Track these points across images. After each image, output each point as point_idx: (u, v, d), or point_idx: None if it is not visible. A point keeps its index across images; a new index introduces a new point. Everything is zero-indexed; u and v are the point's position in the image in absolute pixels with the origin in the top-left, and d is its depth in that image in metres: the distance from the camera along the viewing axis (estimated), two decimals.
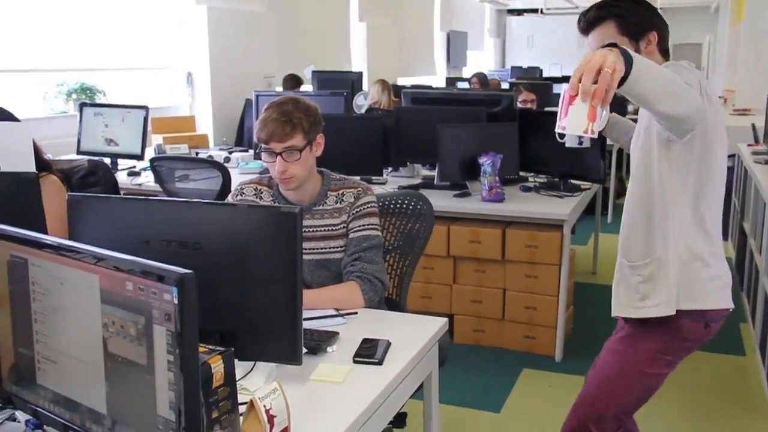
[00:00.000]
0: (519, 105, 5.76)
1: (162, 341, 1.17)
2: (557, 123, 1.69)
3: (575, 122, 1.65)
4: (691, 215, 2.07)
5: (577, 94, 1.63)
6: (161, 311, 1.17)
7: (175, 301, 1.14)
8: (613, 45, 1.70)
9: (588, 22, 2.17)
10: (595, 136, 1.67)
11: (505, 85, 9.20)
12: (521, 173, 4.39)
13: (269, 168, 2.28)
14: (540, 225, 3.88)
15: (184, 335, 1.15)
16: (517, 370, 3.83)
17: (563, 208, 3.82)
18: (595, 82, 1.60)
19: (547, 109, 5.90)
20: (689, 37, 16.91)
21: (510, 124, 4.31)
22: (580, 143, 2.43)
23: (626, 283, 2.18)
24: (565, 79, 10.79)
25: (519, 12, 17.52)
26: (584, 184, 4.25)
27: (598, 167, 4.06)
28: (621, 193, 8.30)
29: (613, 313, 2.22)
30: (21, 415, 1.59)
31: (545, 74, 12.77)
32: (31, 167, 2.36)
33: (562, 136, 1.96)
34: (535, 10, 16.48)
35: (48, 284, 1.38)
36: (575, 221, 4.05)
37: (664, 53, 2.19)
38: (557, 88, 8.28)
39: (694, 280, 2.09)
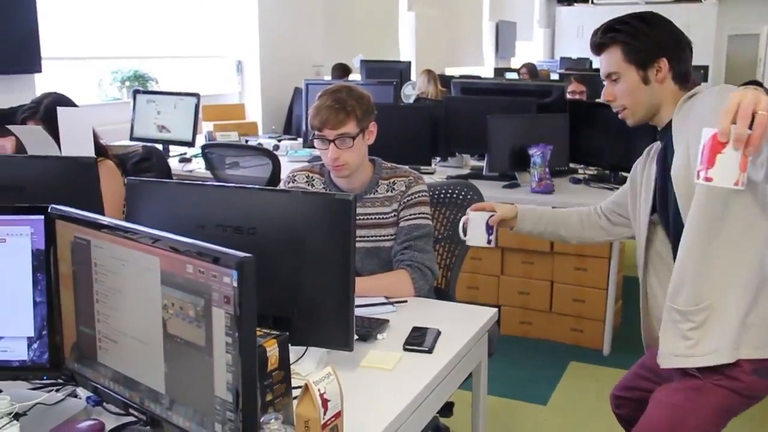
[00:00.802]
0: (568, 96, 5.69)
1: (221, 323, 1.20)
2: (699, 172, 1.50)
3: (725, 174, 1.47)
4: (759, 259, 1.87)
5: (727, 141, 1.45)
6: (220, 294, 1.19)
7: (235, 284, 1.16)
8: (756, 83, 1.55)
9: (595, 46, 2.05)
10: (743, 188, 1.49)
11: (554, 76, 9.10)
12: (571, 165, 4.35)
13: (321, 155, 2.30)
14: None
15: (242, 318, 1.17)
16: (564, 363, 3.80)
17: None
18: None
19: (597, 100, 5.82)
20: (746, 28, 16.47)
21: (561, 115, 4.27)
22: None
23: (675, 329, 1.92)
24: None
25: (569, 2, 17.28)
26: None
27: None
28: None
29: (662, 364, 1.94)
30: (82, 392, 1.64)
31: (595, 65, 12.58)
32: (90, 152, 2.42)
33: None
34: (585, 0, 16.25)
35: (110, 265, 1.42)
36: None
37: (682, 77, 1.99)
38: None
39: (757, 325, 1.88)
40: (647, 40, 1.97)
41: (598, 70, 2.23)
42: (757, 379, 1.88)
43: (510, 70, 10.71)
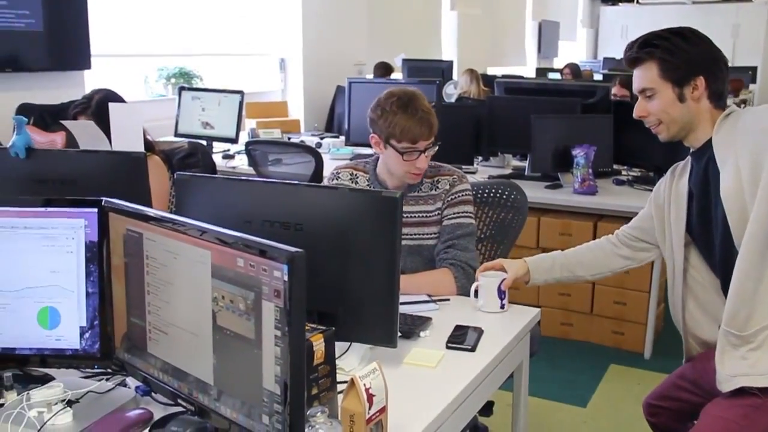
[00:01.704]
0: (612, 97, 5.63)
1: (270, 317, 1.21)
2: None
3: None
4: None
5: None
6: (270, 288, 1.21)
7: (285, 278, 1.18)
8: None
9: (630, 60, 2.01)
10: None
11: (597, 77, 9.01)
12: (615, 166, 4.30)
13: (400, 165, 2.27)
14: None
15: (292, 312, 1.18)
16: (604, 366, 3.77)
17: None
18: None
19: None
20: None
21: (605, 116, 4.23)
22: None
23: (732, 353, 1.88)
24: None
25: (613, 2, 17.08)
26: None
27: None
28: None
29: (724, 389, 1.88)
30: (131, 382, 1.67)
31: None
32: (140, 147, 2.46)
33: None
34: (630, 0, 16.05)
35: (162, 258, 1.45)
36: None
37: (717, 96, 1.96)
38: None
39: None
40: (685, 58, 1.94)
41: None
42: None
43: (553, 70, 10.63)
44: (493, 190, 2.74)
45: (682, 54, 1.94)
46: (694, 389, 2.16)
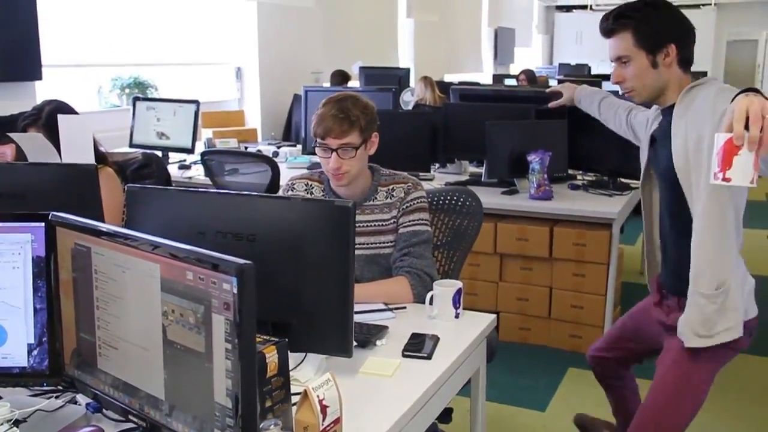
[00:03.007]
0: None
1: (220, 330, 1.20)
2: (716, 174, 1.61)
3: (742, 174, 1.58)
4: (737, 237, 2.15)
5: (742, 145, 1.56)
6: (220, 300, 1.20)
7: (235, 291, 1.17)
8: (755, 90, 1.69)
9: (606, 30, 2.21)
10: (756, 185, 1.63)
11: (552, 82, 9.12)
12: (570, 171, 4.36)
13: (322, 163, 2.31)
14: (588, 223, 3.84)
15: (242, 325, 1.17)
16: (562, 369, 3.81)
17: (612, 206, 3.78)
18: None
19: None
20: (745, 33, 16.51)
21: (559, 122, 4.27)
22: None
23: (700, 313, 2.12)
24: None
25: (568, 8, 17.36)
26: (634, 183, 4.19)
27: None
28: None
29: (687, 343, 2.16)
30: (81, 398, 1.64)
31: (594, 71, 12.61)
32: (90, 159, 2.43)
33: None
34: (584, 7, 16.33)
35: (110, 272, 1.42)
36: (624, 220, 4.01)
37: (686, 62, 2.17)
38: (606, 86, 8.17)
39: (746, 295, 2.19)
40: (658, 27, 2.13)
41: (596, 76, 2.45)
42: (747, 338, 2.18)
43: (509, 76, 10.73)
44: (448, 197, 2.75)
45: (654, 23, 2.13)
46: (635, 339, 2.53)
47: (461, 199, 2.73)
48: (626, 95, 2.25)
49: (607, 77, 9.50)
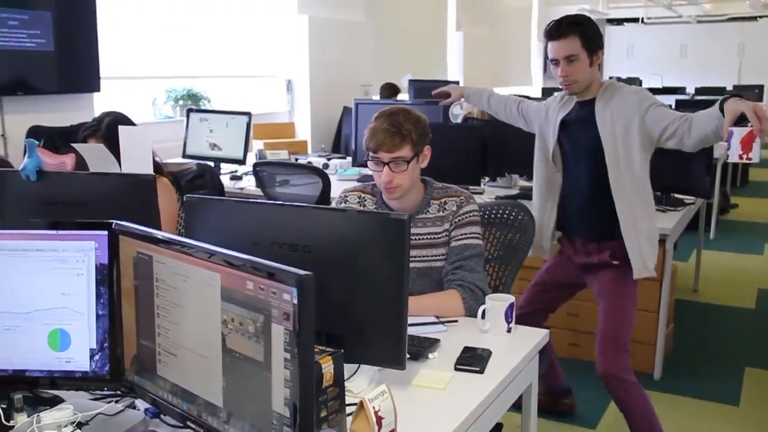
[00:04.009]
0: None
1: (280, 339, 1.22)
2: (741, 155, 2.32)
3: (756, 155, 2.32)
4: None
5: (756, 136, 2.29)
6: (280, 310, 1.21)
7: (295, 301, 1.18)
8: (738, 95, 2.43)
9: (560, 33, 2.77)
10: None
11: None
12: None
13: (375, 176, 2.32)
14: None
15: (301, 334, 1.19)
16: None
17: (666, 222, 3.72)
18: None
19: None
20: None
21: None
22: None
23: (641, 255, 2.86)
24: (666, 90, 10.47)
25: (618, 21, 17.17)
26: (688, 199, 4.13)
27: (703, 182, 3.94)
28: (725, 208, 8.01)
29: (638, 276, 2.90)
30: (140, 404, 1.68)
31: (644, 85, 12.46)
32: (149, 169, 2.48)
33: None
34: (635, 20, 16.13)
35: (171, 280, 1.46)
36: (678, 236, 3.94)
37: (599, 66, 2.87)
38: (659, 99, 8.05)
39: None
40: (595, 35, 2.78)
41: (648, 89, 2.62)
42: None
43: (558, 89, 10.63)
44: (500, 211, 2.75)
45: (594, 32, 2.78)
46: (557, 287, 3.23)
47: (513, 213, 2.72)
48: (567, 86, 2.83)
49: (659, 90, 9.39)
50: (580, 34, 2.74)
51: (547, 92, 10.69)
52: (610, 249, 2.91)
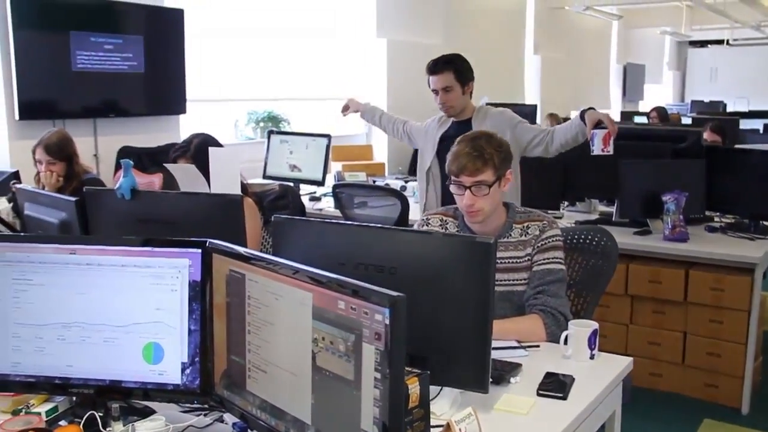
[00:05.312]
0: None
1: (370, 359, 1.24)
2: (603, 149, 3.19)
3: (612, 148, 3.19)
4: None
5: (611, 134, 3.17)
6: (371, 330, 1.24)
7: (387, 321, 1.20)
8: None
9: (437, 69, 3.50)
10: None
11: (685, 120, 8.83)
12: (707, 213, 4.19)
13: (456, 199, 2.33)
14: (727, 268, 3.67)
15: (392, 355, 1.21)
16: (697, 420, 3.63)
17: (754, 251, 3.61)
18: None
19: (737, 146, 5.59)
20: None
21: (697, 161, 4.14)
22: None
23: None
24: (752, 114, 10.16)
25: (702, 44, 16.76)
26: None
27: None
28: None
29: None
30: (228, 418, 1.72)
31: (729, 108, 12.12)
32: (237, 190, 2.56)
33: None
34: (720, 42, 15.70)
35: (263, 298, 1.50)
36: (767, 266, 3.81)
37: (471, 94, 3.60)
38: (745, 124, 7.83)
39: None
40: (466, 70, 3.54)
41: (733, 113, 2.56)
42: None
43: (638, 113, 10.46)
44: (583, 236, 2.71)
45: (464, 67, 3.54)
46: None
47: (596, 239, 2.68)
48: (446, 111, 3.57)
49: (745, 114, 9.12)
50: (453, 70, 3.48)
51: (626, 116, 10.51)
52: None
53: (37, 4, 4.46)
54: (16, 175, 3.81)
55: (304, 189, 5.26)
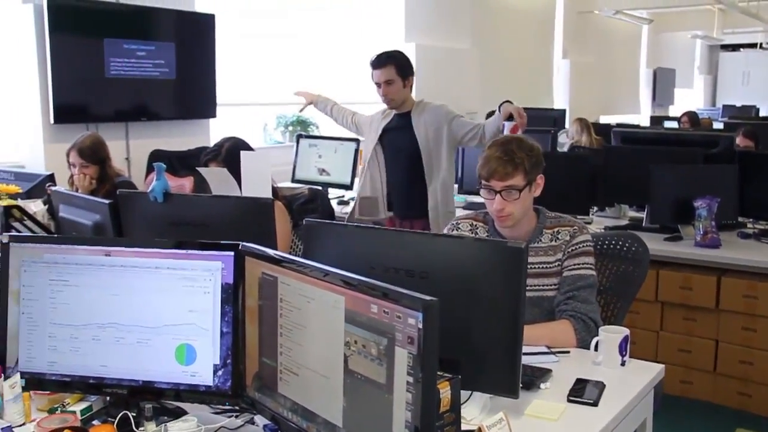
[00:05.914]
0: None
1: (403, 363, 1.24)
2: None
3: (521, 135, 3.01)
4: None
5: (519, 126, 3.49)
6: (404, 334, 1.24)
7: (420, 325, 1.21)
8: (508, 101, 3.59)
9: (380, 63, 3.70)
10: None
11: (716, 125, 8.73)
12: (740, 219, 4.14)
13: (487, 204, 2.33)
14: (760, 275, 3.62)
15: (425, 359, 1.21)
16: (729, 429, 3.58)
17: None
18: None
19: None
20: None
21: (729, 167, 4.09)
22: None
23: (440, 225, 3.59)
24: None
25: (734, 47, 16.54)
26: None
27: None
28: None
29: None
30: (259, 419, 1.73)
31: (762, 113, 11.95)
32: (267, 193, 2.58)
33: None
34: (752, 45, 15.48)
35: (295, 301, 1.51)
36: None
37: (411, 88, 3.83)
38: None
39: None
40: (406, 65, 3.75)
41: (766, 118, 2.40)
42: None
43: (668, 118, 10.36)
44: (613, 242, 2.69)
45: (406, 62, 3.74)
46: None
47: (627, 244, 2.66)
48: (387, 103, 3.80)
49: None
50: (395, 64, 3.70)
51: (655, 121, 10.41)
52: (420, 226, 3.76)
53: (73, 12, 4.52)
54: (51, 178, 3.87)
55: (333, 193, 5.28)
